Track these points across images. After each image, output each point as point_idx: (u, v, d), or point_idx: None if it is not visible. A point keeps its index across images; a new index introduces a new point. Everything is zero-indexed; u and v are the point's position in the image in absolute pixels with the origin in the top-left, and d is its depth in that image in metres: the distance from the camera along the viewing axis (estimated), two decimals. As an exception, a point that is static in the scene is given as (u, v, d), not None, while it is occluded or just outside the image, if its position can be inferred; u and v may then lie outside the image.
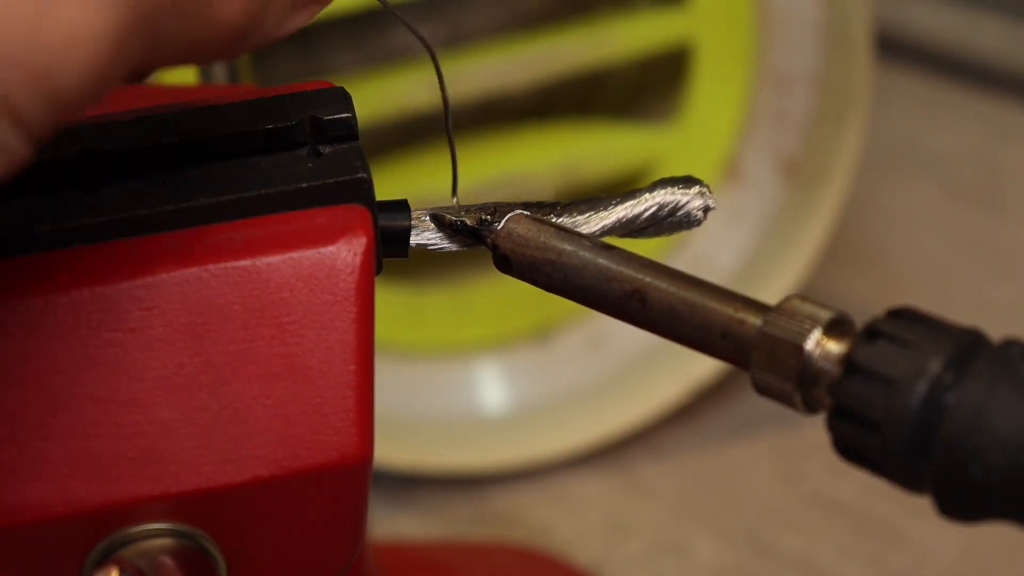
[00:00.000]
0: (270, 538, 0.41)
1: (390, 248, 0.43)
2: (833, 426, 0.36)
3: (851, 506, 0.76)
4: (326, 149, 0.42)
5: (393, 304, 0.80)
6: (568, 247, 0.41)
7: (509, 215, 0.43)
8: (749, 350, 0.38)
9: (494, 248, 0.43)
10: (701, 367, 0.80)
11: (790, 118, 0.81)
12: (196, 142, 0.41)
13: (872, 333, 0.37)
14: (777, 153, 0.82)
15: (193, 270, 0.39)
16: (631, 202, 0.44)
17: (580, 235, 0.42)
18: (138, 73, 0.35)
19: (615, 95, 0.86)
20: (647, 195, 0.44)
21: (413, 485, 0.78)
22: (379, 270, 0.41)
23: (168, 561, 0.39)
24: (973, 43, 1.03)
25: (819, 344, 0.37)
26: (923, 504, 0.80)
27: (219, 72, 0.55)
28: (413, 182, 0.78)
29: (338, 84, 0.43)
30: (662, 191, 0.44)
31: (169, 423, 0.39)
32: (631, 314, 0.40)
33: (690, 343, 0.39)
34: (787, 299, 0.38)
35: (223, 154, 0.41)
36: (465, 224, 0.43)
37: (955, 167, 0.98)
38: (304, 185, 0.40)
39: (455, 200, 0.45)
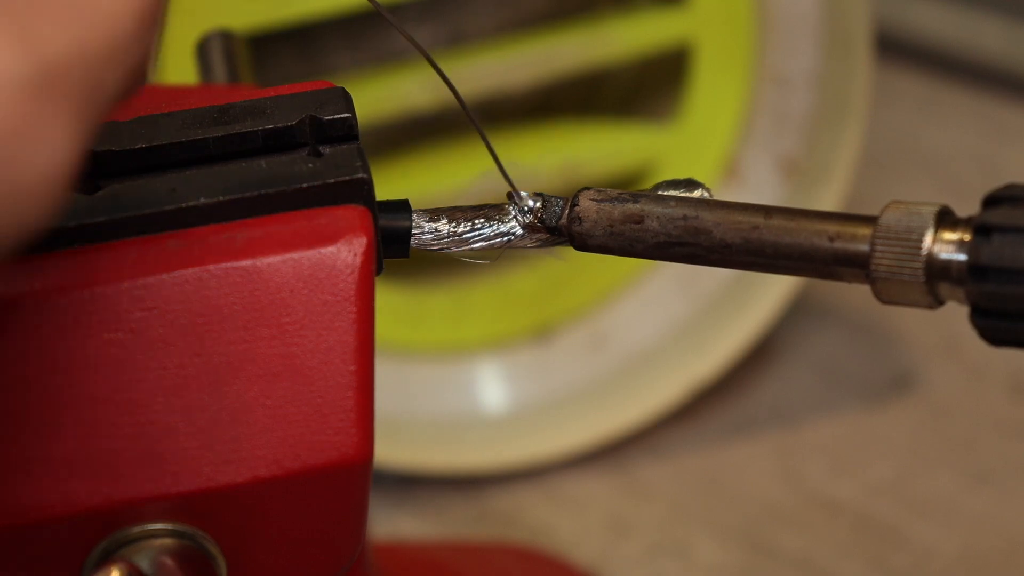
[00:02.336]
0: (270, 538, 0.41)
1: (391, 248, 0.43)
2: (977, 323, 0.37)
3: (851, 506, 0.76)
4: (326, 149, 0.42)
5: (393, 304, 0.80)
6: (656, 208, 0.42)
7: (577, 194, 0.43)
8: (866, 260, 0.38)
9: (577, 226, 0.43)
10: (701, 367, 0.80)
11: (790, 118, 0.81)
12: (196, 142, 0.41)
13: (986, 228, 0.37)
14: (777, 153, 0.82)
15: (193, 270, 0.39)
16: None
17: (653, 195, 0.42)
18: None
19: (615, 95, 0.86)
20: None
21: (413, 485, 0.78)
22: (380, 270, 0.41)
23: (168, 561, 0.39)
24: (973, 43, 1.03)
25: (937, 239, 0.38)
26: (923, 504, 0.81)
27: (219, 72, 0.55)
28: (413, 182, 0.78)
29: (338, 84, 0.43)
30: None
31: (169, 423, 0.39)
32: (735, 254, 0.40)
33: (802, 269, 0.40)
34: (888, 205, 0.38)
35: (223, 154, 0.41)
36: (549, 214, 0.44)
37: (955, 167, 0.98)
38: (304, 185, 0.40)
39: (524, 194, 0.45)
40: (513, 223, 0.44)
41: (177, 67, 0.71)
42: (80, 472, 0.38)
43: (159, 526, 0.39)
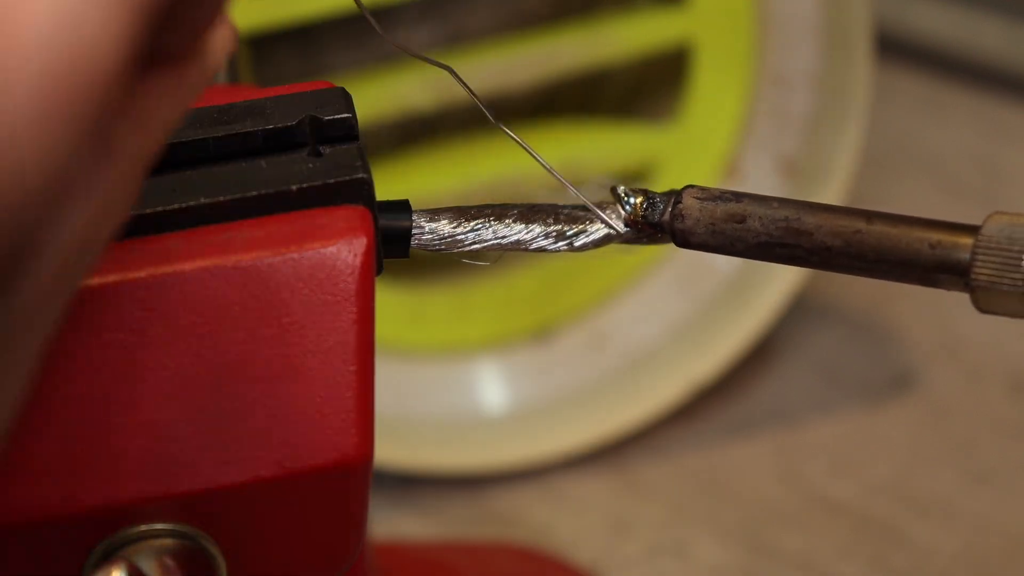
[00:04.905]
0: (270, 538, 0.41)
1: (391, 248, 0.43)
2: None
3: (851, 506, 0.76)
4: (326, 149, 0.42)
5: (393, 304, 0.80)
6: (758, 208, 0.42)
7: (681, 191, 0.43)
8: (966, 269, 0.38)
9: (680, 224, 0.43)
10: (701, 367, 0.80)
11: (790, 118, 0.81)
12: (196, 142, 0.41)
13: None
14: (777, 153, 0.82)
15: (194, 270, 0.39)
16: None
17: (756, 195, 0.43)
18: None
19: (615, 95, 0.86)
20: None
21: (413, 485, 0.78)
22: (380, 270, 0.41)
23: (169, 561, 0.39)
24: (973, 43, 1.03)
25: None
26: (923, 504, 0.81)
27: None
28: (413, 182, 0.78)
29: (338, 84, 0.43)
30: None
31: (170, 423, 0.39)
32: (835, 257, 0.41)
33: (901, 275, 0.40)
34: (991, 216, 0.39)
35: (223, 154, 0.41)
36: (652, 211, 0.44)
37: (954, 167, 0.98)
38: (304, 185, 0.40)
39: (578, 192, 0.45)
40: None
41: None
42: (80, 472, 0.38)
43: (159, 526, 0.39)
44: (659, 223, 0.44)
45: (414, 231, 0.44)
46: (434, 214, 0.44)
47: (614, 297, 0.82)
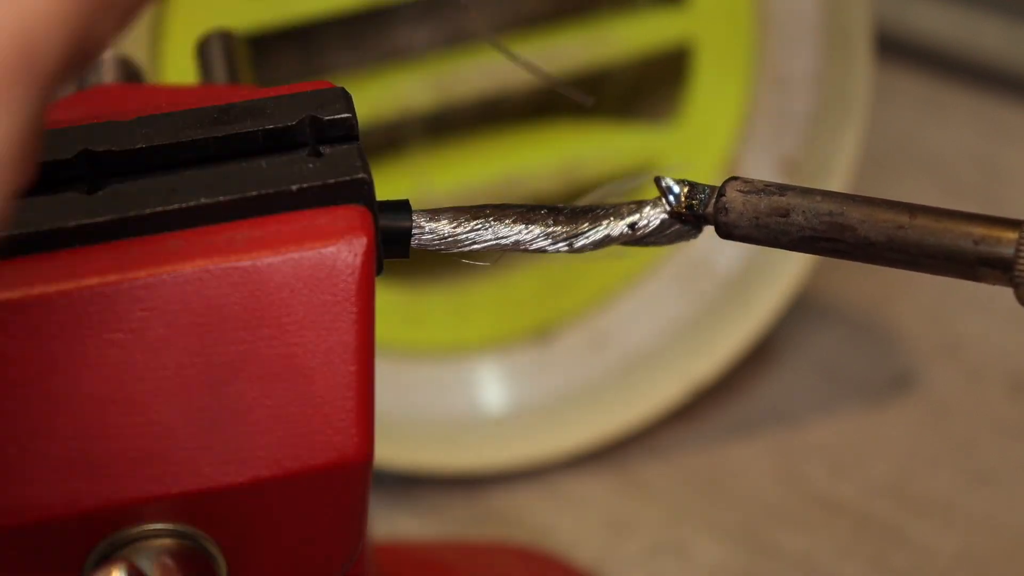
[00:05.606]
0: (270, 538, 0.41)
1: (391, 248, 0.43)
2: None
3: (851, 506, 0.76)
4: (326, 149, 0.42)
5: (393, 304, 0.80)
6: (802, 202, 0.42)
7: (725, 184, 0.43)
8: (1011, 264, 0.38)
9: (724, 216, 0.43)
10: (701, 367, 0.80)
11: (790, 118, 0.81)
12: (196, 142, 0.41)
13: None
14: (777, 153, 0.82)
15: (194, 270, 0.39)
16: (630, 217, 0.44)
17: (800, 188, 0.43)
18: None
19: (615, 95, 0.86)
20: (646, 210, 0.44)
21: (413, 485, 0.78)
22: (380, 271, 0.41)
23: (169, 561, 0.39)
24: (973, 43, 1.03)
25: None
26: (923, 504, 0.81)
27: (219, 72, 0.55)
28: (413, 182, 0.78)
29: (338, 84, 0.43)
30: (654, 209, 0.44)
31: (169, 423, 0.39)
32: (879, 251, 0.41)
33: (944, 269, 0.40)
34: None
35: (223, 154, 0.41)
36: (693, 204, 0.44)
37: (955, 167, 0.98)
38: (304, 185, 0.40)
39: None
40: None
41: (177, 67, 0.71)
42: (80, 472, 0.38)
43: (159, 526, 0.39)
44: (704, 215, 0.44)
45: (414, 231, 0.44)
46: (434, 214, 0.44)
47: (614, 297, 0.82)
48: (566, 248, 0.45)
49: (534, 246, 0.45)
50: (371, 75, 0.77)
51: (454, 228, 0.44)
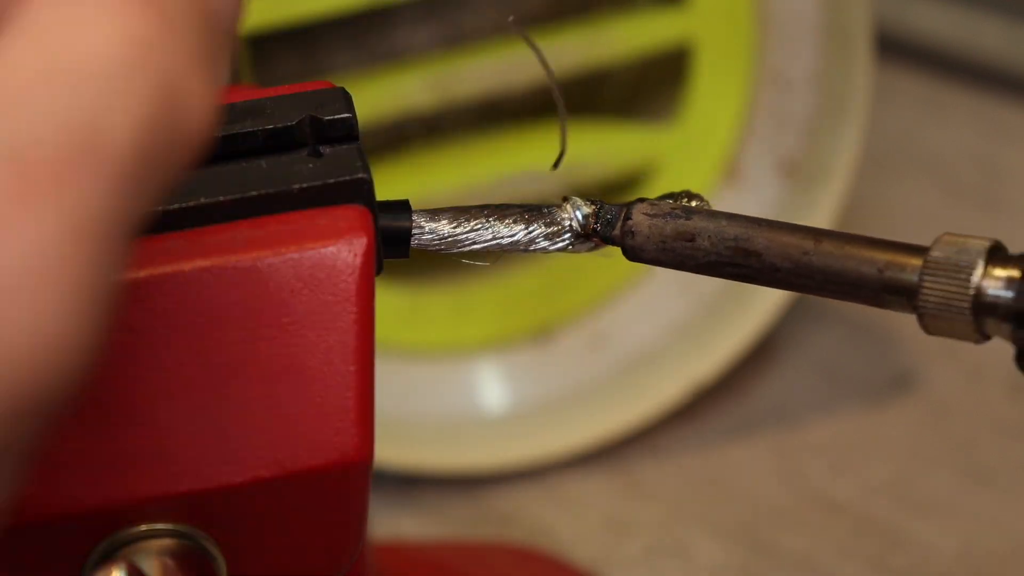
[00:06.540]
0: (270, 538, 0.41)
1: (391, 248, 0.43)
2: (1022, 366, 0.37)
3: (851, 506, 0.76)
4: (326, 149, 0.42)
5: (393, 304, 0.80)
6: (709, 226, 0.42)
7: (631, 206, 0.43)
8: (915, 292, 0.38)
9: (630, 240, 0.43)
10: (701, 367, 0.80)
11: (790, 118, 0.81)
12: (196, 142, 0.41)
13: None
14: (777, 153, 0.82)
15: (194, 270, 0.39)
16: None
17: (706, 212, 0.42)
18: None
19: (615, 95, 0.86)
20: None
21: (413, 485, 0.78)
22: (379, 271, 0.41)
23: (169, 561, 0.39)
24: (973, 43, 1.03)
25: (987, 275, 0.38)
26: (923, 504, 0.81)
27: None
28: (413, 182, 0.78)
29: (338, 84, 0.43)
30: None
31: (169, 423, 0.39)
32: (785, 277, 0.41)
33: (850, 296, 0.40)
34: (940, 237, 0.39)
35: (223, 154, 0.41)
36: (606, 223, 0.44)
37: (954, 167, 0.98)
38: (304, 185, 0.40)
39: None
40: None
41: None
42: (80, 472, 0.38)
43: (159, 526, 0.39)
44: (610, 237, 0.44)
45: (414, 231, 0.44)
46: (434, 214, 0.44)
47: (614, 297, 0.82)
48: (567, 248, 0.45)
49: (534, 246, 0.45)
50: (371, 75, 0.77)
51: (454, 228, 0.44)
